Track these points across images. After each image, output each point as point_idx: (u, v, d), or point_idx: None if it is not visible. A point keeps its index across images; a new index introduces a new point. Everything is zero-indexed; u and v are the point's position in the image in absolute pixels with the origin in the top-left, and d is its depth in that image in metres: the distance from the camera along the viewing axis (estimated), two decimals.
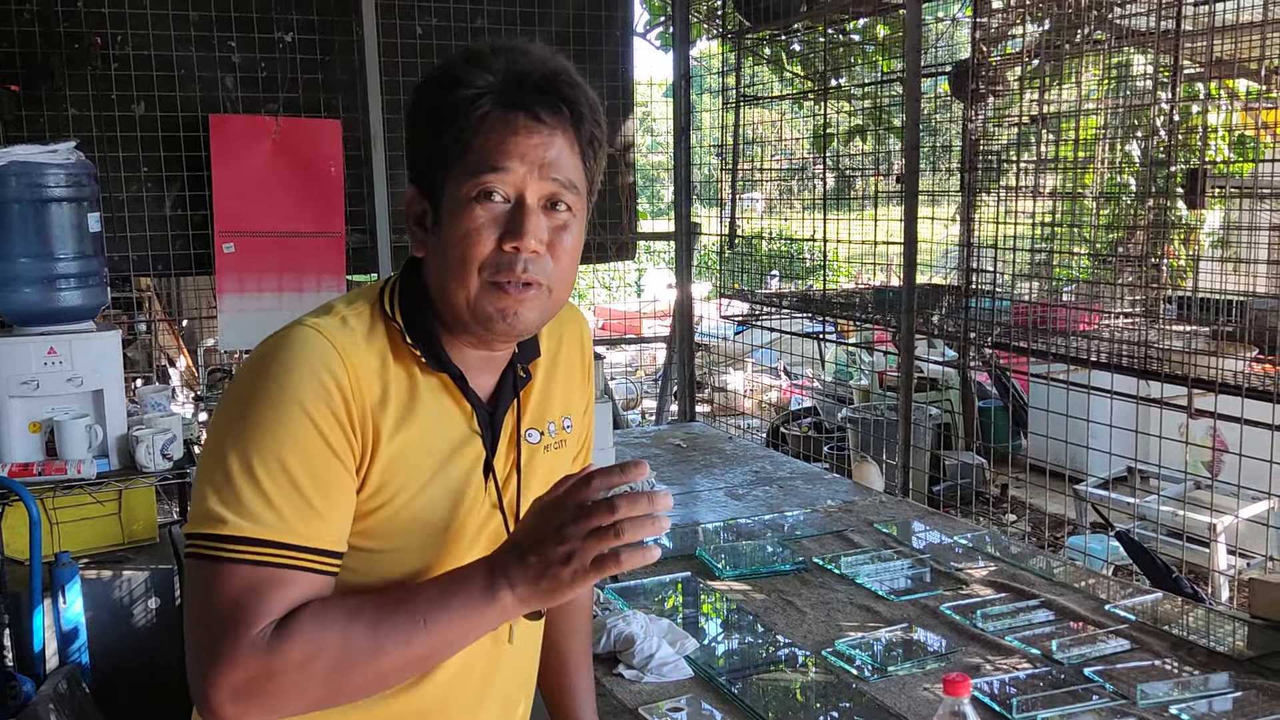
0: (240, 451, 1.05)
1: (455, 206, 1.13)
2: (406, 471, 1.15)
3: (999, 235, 3.47)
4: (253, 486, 1.04)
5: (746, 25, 4.78)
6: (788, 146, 5.30)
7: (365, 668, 1.03)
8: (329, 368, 1.09)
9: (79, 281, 3.23)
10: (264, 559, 1.03)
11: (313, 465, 1.06)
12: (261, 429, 1.05)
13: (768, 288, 5.35)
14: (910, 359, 3.63)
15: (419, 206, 1.19)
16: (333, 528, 1.08)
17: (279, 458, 1.05)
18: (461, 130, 1.13)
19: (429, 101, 1.15)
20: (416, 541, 1.17)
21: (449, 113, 1.13)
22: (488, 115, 1.12)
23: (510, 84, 1.13)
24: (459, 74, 1.13)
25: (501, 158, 1.12)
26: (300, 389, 1.07)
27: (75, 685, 2.79)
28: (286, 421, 1.06)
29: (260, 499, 1.04)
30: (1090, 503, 4.21)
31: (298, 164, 4.13)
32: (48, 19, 3.81)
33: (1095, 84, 3.73)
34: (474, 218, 1.12)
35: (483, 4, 4.48)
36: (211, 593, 1.03)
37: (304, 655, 1.01)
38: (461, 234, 1.13)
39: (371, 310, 1.18)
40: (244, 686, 1.00)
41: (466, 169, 1.13)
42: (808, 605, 2.33)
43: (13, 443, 3.08)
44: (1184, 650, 2.06)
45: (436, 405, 1.18)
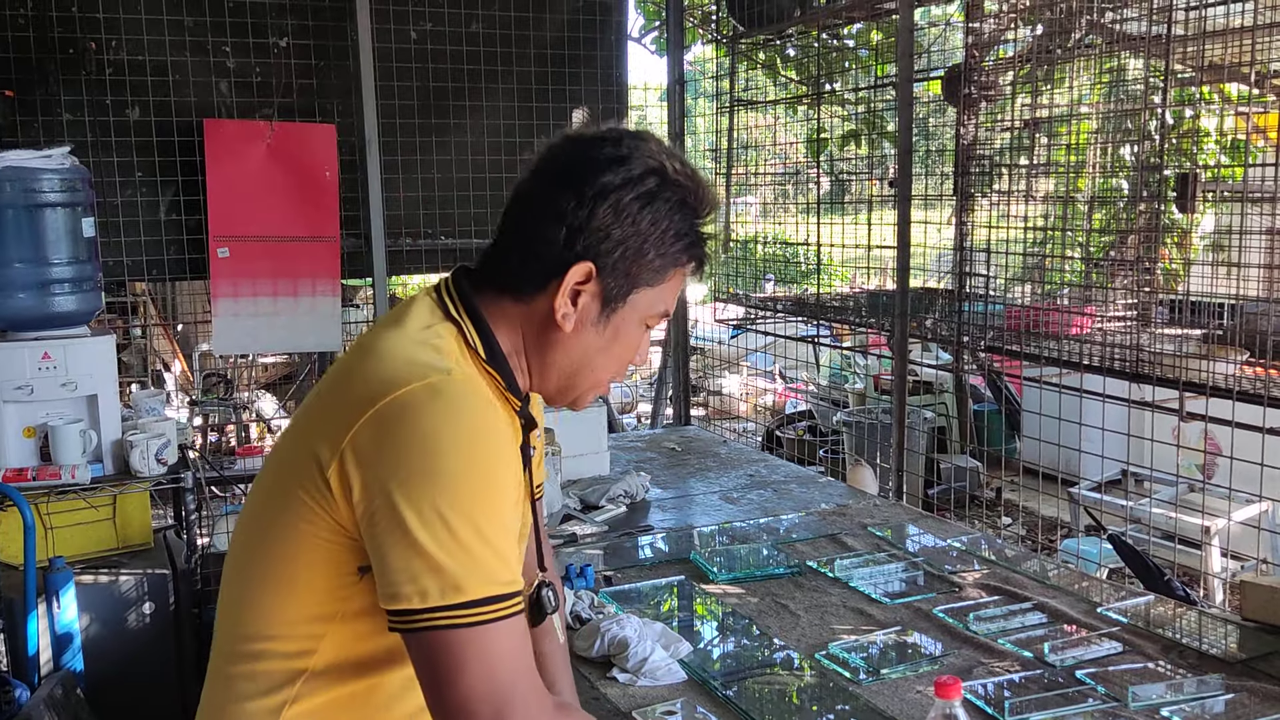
0: (468, 523, 1.07)
1: (629, 323, 1.26)
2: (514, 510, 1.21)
3: (991, 239, 3.48)
4: (491, 550, 1.09)
5: (741, 30, 4.79)
6: (782, 151, 5.31)
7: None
8: (502, 426, 1.16)
9: (73, 286, 3.23)
10: (511, 611, 1.10)
11: (516, 519, 1.16)
12: (481, 491, 1.09)
13: (763, 291, 5.36)
14: (904, 363, 3.64)
15: (587, 287, 1.22)
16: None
17: (500, 518, 1.11)
18: (673, 269, 1.25)
19: (667, 217, 1.22)
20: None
21: (678, 251, 1.24)
22: (689, 272, 1.27)
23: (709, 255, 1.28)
24: (697, 211, 1.24)
25: (672, 309, 1.30)
26: (504, 463, 1.13)
27: (70, 690, 2.79)
28: (502, 490, 1.12)
29: (496, 557, 1.09)
30: (1083, 506, 4.22)
31: (292, 169, 4.14)
32: (42, 24, 3.81)
33: (1088, 88, 3.74)
34: (641, 342, 1.29)
35: (478, 9, 4.49)
36: (483, 655, 1.07)
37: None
38: (625, 350, 1.27)
39: (460, 349, 1.22)
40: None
41: (653, 301, 1.26)
42: (801, 608, 2.33)
43: (7, 448, 3.08)
44: (1176, 653, 2.07)
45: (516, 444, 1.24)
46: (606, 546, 2.75)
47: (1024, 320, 3.40)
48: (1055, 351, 3.18)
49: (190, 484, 3.19)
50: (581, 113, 4.82)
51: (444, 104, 4.45)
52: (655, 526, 2.97)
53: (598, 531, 2.89)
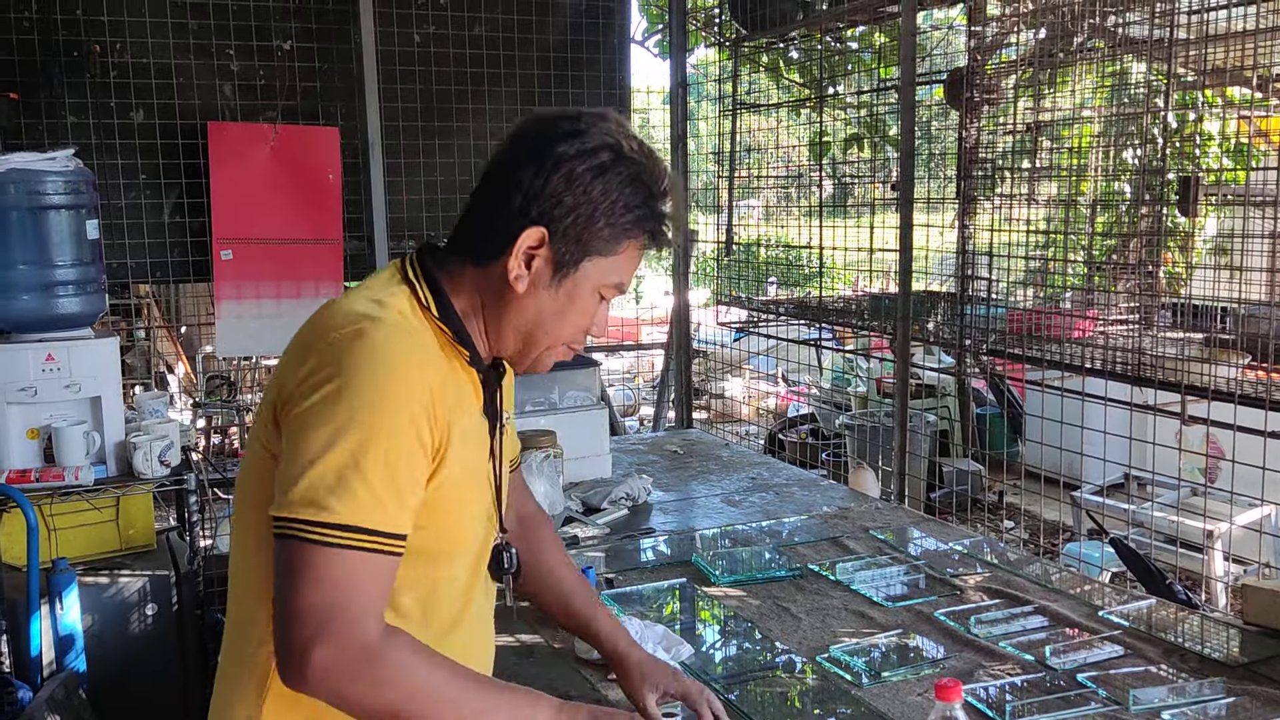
0: (349, 445, 1.15)
1: (582, 290, 1.33)
2: (462, 456, 1.29)
3: (994, 242, 3.48)
4: (363, 482, 1.14)
5: (743, 33, 4.80)
6: (785, 154, 5.31)
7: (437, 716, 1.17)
8: (424, 371, 1.22)
9: (77, 288, 3.24)
10: (367, 545, 1.15)
11: (411, 462, 1.19)
12: (369, 429, 1.16)
13: (765, 294, 5.36)
14: (906, 366, 3.64)
15: (540, 252, 1.30)
16: (411, 516, 1.21)
17: (386, 456, 1.16)
18: (621, 242, 1.32)
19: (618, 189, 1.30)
20: (456, 513, 1.32)
21: (628, 223, 1.31)
22: (645, 245, 1.35)
23: (667, 231, 1.36)
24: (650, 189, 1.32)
25: (629, 284, 1.37)
26: (407, 394, 1.19)
27: (72, 692, 2.79)
28: (394, 425, 1.17)
29: (369, 493, 1.15)
30: (1085, 510, 4.22)
31: (296, 171, 4.15)
32: (47, 27, 3.83)
33: (1091, 92, 3.75)
34: (594, 311, 1.36)
35: (480, 13, 4.50)
36: (320, 574, 1.13)
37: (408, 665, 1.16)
38: (578, 315, 1.34)
39: (411, 304, 1.30)
40: (349, 664, 1.12)
41: (606, 271, 1.33)
42: (803, 611, 2.33)
43: (10, 449, 3.08)
44: (1177, 656, 2.07)
45: (467, 393, 1.34)
46: (608, 549, 2.76)
47: (1026, 324, 3.40)
48: (1057, 355, 3.18)
49: (193, 486, 3.20)
50: None
51: (447, 107, 4.46)
52: (657, 529, 2.98)
53: (599, 534, 2.89)
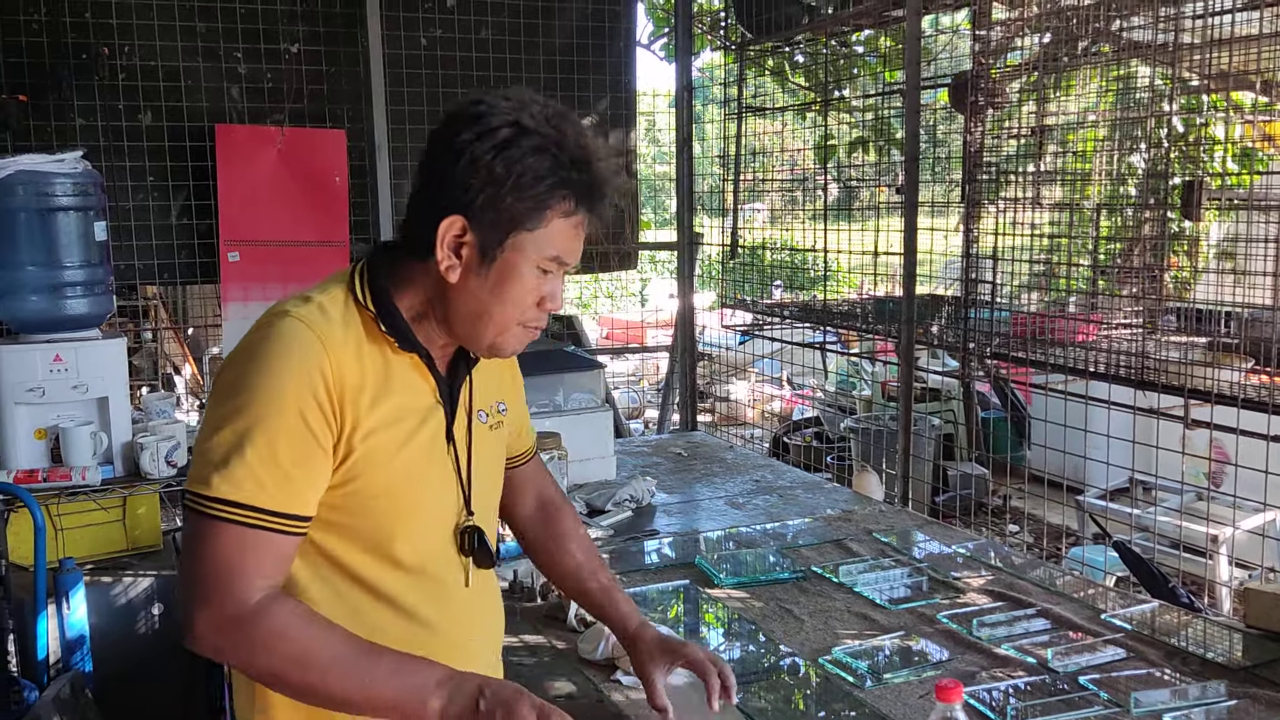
0: (234, 429, 1.25)
1: (518, 269, 1.34)
2: (386, 436, 1.35)
3: (998, 246, 3.48)
4: (240, 459, 1.24)
5: (749, 37, 4.81)
6: (791, 157, 5.32)
7: (313, 681, 1.25)
8: (315, 360, 1.28)
9: (85, 290, 3.26)
10: (246, 520, 1.24)
11: (294, 446, 1.26)
12: (254, 411, 1.25)
13: (770, 298, 5.37)
14: (910, 369, 3.64)
15: (464, 240, 1.33)
16: (305, 496, 1.29)
17: (267, 437, 1.25)
18: (544, 213, 1.32)
19: (526, 170, 1.30)
20: (398, 492, 1.38)
21: (542, 193, 1.31)
22: (571, 213, 1.34)
23: (594, 193, 1.35)
24: (556, 161, 1.31)
25: (571, 254, 1.37)
26: (291, 380, 1.26)
27: (78, 691, 2.81)
28: (276, 405, 1.25)
29: (245, 470, 1.24)
30: (1089, 514, 4.22)
31: (303, 174, 4.17)
32: (56, 29, 3.85)
33: (1096, 96, 3.75)
34: (534, 286, 1.35)
35: (486, 16, 4.52)
36: (204, 544, 1.25)
37: (282, 629, 1.24)
38: (519, 294, 1.35)
39: (345, 296, 1.37)
40: (224, 624, 1.23)
41: (539, 244, 1.33)
42: (806, 613, 2.34)
43: (18, 449, 3.10)
44: (1179, 659, 2.07)
45: (406, 379, 1.39)
46: (612, 551, 2.76)
47: (1029, 327, 3.40)
48: (1060, 358, 3.18)
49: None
50: (590, 118, 4.85)
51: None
52: (661, 531, 2.98)
53: (603, 535, 2.90)
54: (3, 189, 3.13)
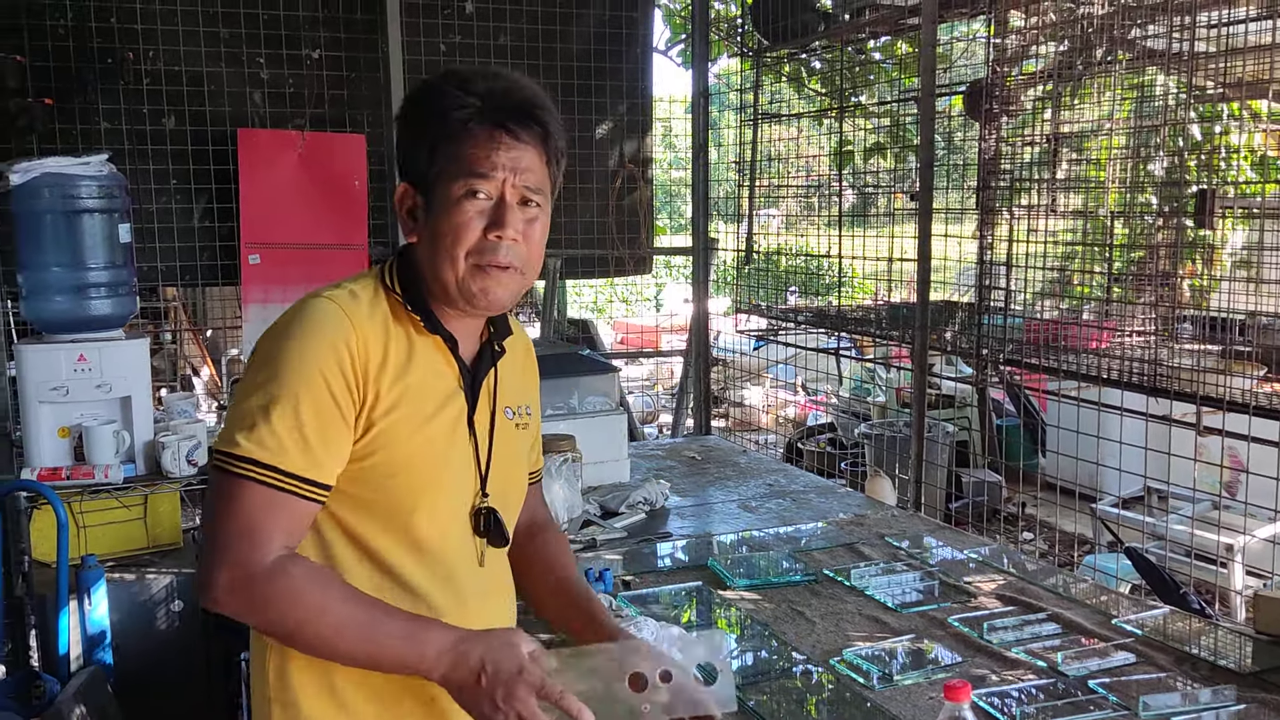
0: (261, 396, 1.32)
1: (447, 202, 1.39)
2: (406, 413, 1.40)
3: (1012, 253, 3.49)
4: (266, 422, 1.31)
5: (765, 44, 4.84)
6: (807, 163, 5.34)
7: (325, 637, 1.29)
8: (342, 334, 1.35)
9: (109, 290, 3.30)
10: (264, 479, 1.30)
11: (319, 412, 1.33)
12: (282, 380, 1.32)
13: (785, 303, 5.38)
14: (923, 375, 3.66)
15: (410, 200, 1.44)
16: (325, 464, 1.34)
17: (293, 404, 1.31)
18: (453, 143, 1.38)
19: (423, 116, 1.41)
20: (416, 470, 1.41)
21: (444, 128, 1.38)
22: (477, 132, 1.38)
23: (494, 106, 1.39)
24: (452, 96, 1.38)
25: (488, 166, 1.38)
26: (318, 351, 1.34)
27: (99, 686, 2.84)
28: (303, 375, 1.32)
29: (270, 432, 1.30)
30: (1103, 521, 4.21)
31: (323, 178, 4.21)
32: (82, 34, 3.90)
33: (1113, 104, 3.75)
34: (464, 212, 1.38)
35: (505, 22, 4.55)
36: (226, 501, 1.31)
37: (297, 588, 1.28)
38: (453, 225, 1.39)
39: (375, 284, 1.45)
40: (238, 583, 1.28)
41: (458, 172, 1.38)
42: (817, 615, 2.36)
43: (42, 447, 3.14)
44: (1188, 664, 2.08)
45: (429, 361, 1.45)
46: (625, 552, 2.79)
47: (1043, 334, 3.41)
48: (1073, 365, 3.19)
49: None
50: (607, 124, 4.88)
51: None
52: (674, 533, 3.01)
53: (617, 537, 2.92)
54: (29, 191, 3.18)
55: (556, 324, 5.73)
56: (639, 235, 4.97)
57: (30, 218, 3.23)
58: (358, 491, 1.39)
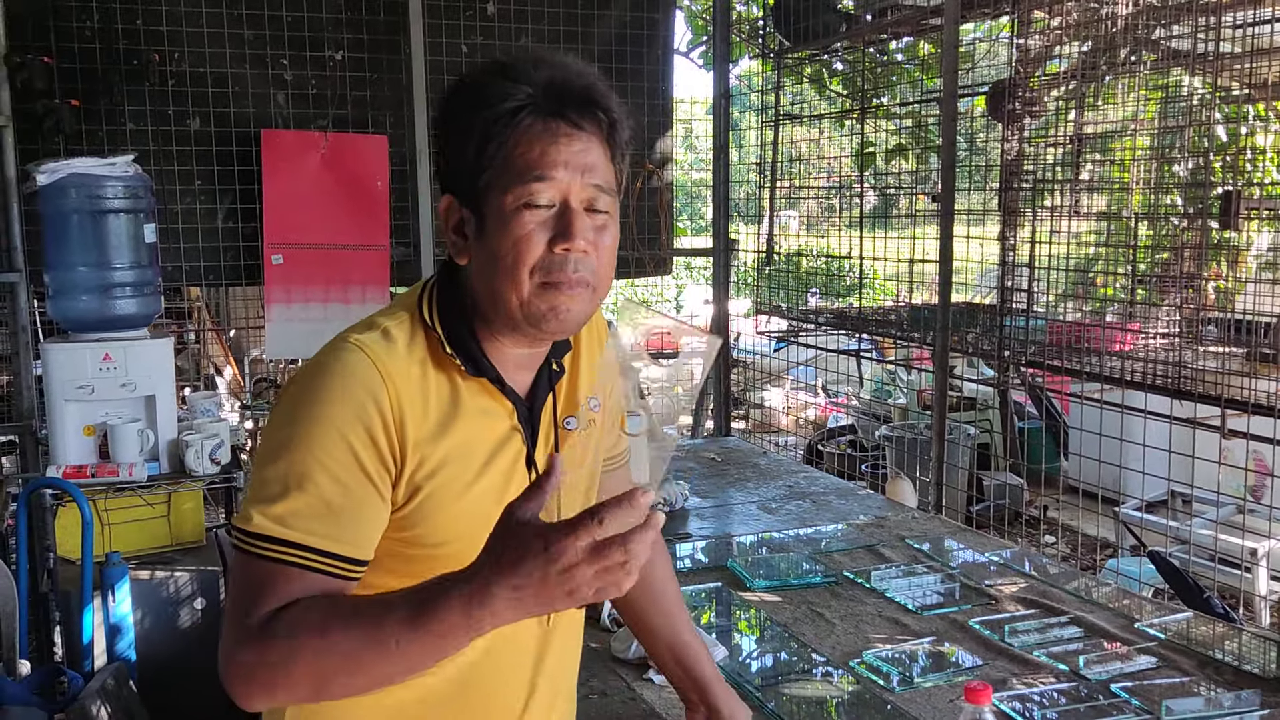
0: (280, 463, 1.14)
1: (502, 214, 1.17)
2: (453, 473, 1.21)
3: (1035, 255, 3.48)
4: (284, 494, 1.13)
5: (787, 45, 4.83)
6: (828, 164, 5.33)
7: (342, 680, 1.07)
8: (370, 389, 1.16)
9: (134, 290, 3.34)
10: (279, 556, 1.12)
11: (343, 481, 1.14)
12: (302, 445, 1.14)
13: (806, 305, 5.37)
14: (944, 376, 3.64)
15: (457, 215, 1.23)
16: (351, 537, 1.15)
17: (313, 473, 1.13)
18: (504, 142, 1.17)
19: (466, 114, 1.20)
20: (467, 537, 1.16)
21: (491, 125, 1.17)
22: (531, 126, 1.17)
23: (550, 95, 1.18)
24: (499, 87, 1.18)
25: (548, 166, 1.17)
26: (341, 412, 1.15)
27: (122, 682, 2.87)
28: (324, 442, 1.14)
29: (286, 505, 1.13)
30: (1126, 525, 4.19)
31: (345, 178, 4.23)
32: (108, 36, 3.94)
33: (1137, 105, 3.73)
34: (524, 224, 1.17)
35: (527, 24, 4.56)
36: (238, 580, 1.14)
37: (284, 655, 1.07)
38: (513, 240, 1.17)
39: (411, 320, 1.24)
40: (245, 669, 1.09)
41: (512, 178, 1.17)
42: (837, 617, 2.35)
43: (67, 445, 3.18)
44: (1212, 669, 2.07)
45: (477, 407, 1.24)
46: None
47: (1066, 336, 3.39)
48: (1096, 367, 3.17)
49: (242, 484, 3.27)
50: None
51: None
52: (694, 534, 3.00)
53: None
54: (56, 191, 3.22)
55: None
56: (659, 236, 4.97)
57: (57, 218, 3.27)
58: (400, 566, 1.21)
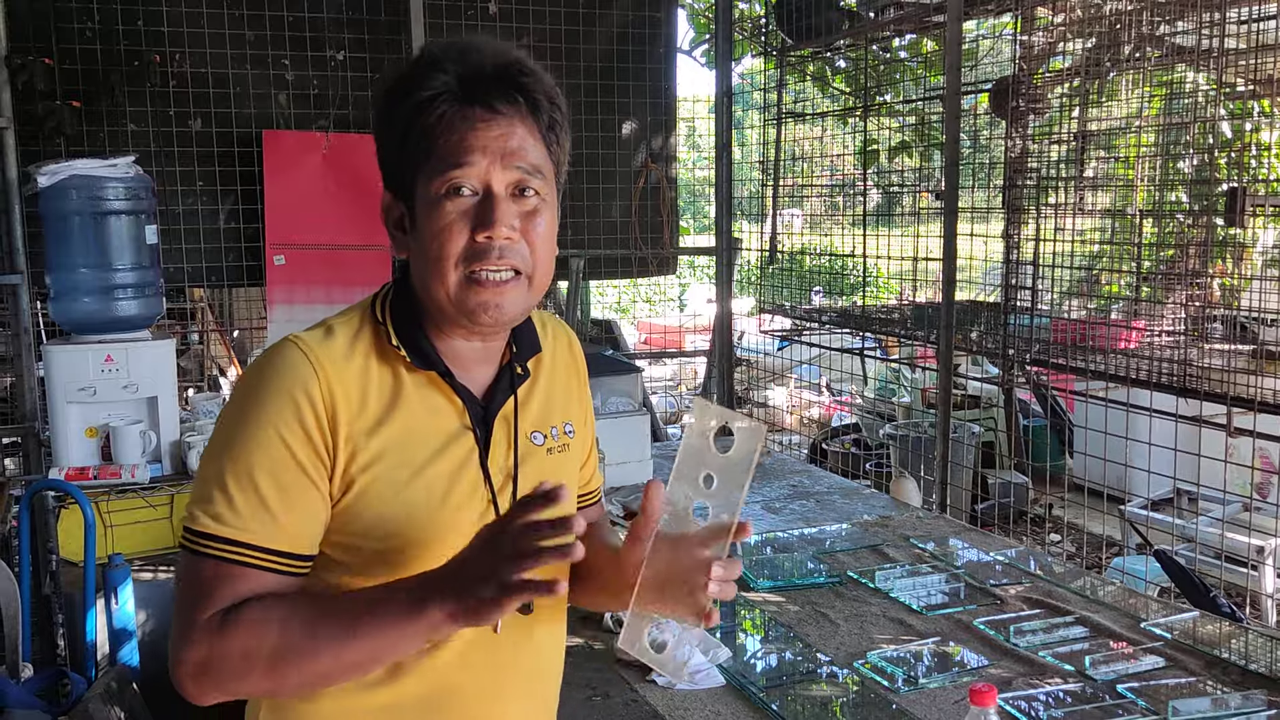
0: (219, 463, 1.15)
1: (427, 205, 1.17)
2: (390, 466, 1.19)
3: (1039, 252, 3.46)
4: (222, 493, 1.13)
5: (789, 42, 4.82)
6: (831, 162, 5.32)
7: (301, 667, 1.09)
8: (301, 381, 1.16)
9: (136, 291, 3.33)
10: (223, 554, 1.12)
11: (277, 476, 1.14)
12: (237, 443, 1.15)
13: (809, 303, 5.36)
14: (948, 375, 3.63)
15: (396, 210, 1.23)
16: (292, 533, 1.15)
17: (249, 471, 1.14)
18: (423, 132, 1.17)
19: (390, 108, 1.20)
20: (408, 535, 1.20)
21: (409, 116, 1.17)
22: (445, 114, 1.16)
23: (465, 80, 1.17)
24: (414, 78, 1.17)
25: (463, 153, 1.15)
26: (273, 407, 1.15)
27: (125, 685, 2.86)
28: (259, 440, 1.14)
29: (226, 504, 1.13)
30: (1131, 523, 4.17)
31: (347, 178, 4.22)
32: (109, 37, 3.94)
33: (1141, 101, 3.72)
34: (445, 214, 1.16)
35: (529, 23, 4.56)
36: (183, 579, 1.14)
37: (242, 647, 1.08)
38: (435, 230, 1.16)
39: (361, 317, 1.24)
40: (198, 665, 1.09)
41: (433, 168, 1.16)
42: (841, 617, 2.34)
43: (70, 447, 3.17)
44: (1219, 669, 2.06)
45: (423, 401, 1.23)
46: None
47: (1070, 334, 3.37)
48: (1100, 365, 3.15)
49: None
50: (631, 124, 4.87)
51: None
52: None
53: None
54: (57, 192, 3.22)
55: (579, 324, 5.73)
56: (663, 235, 4.96)
57: (58, 219, 3.26)
58: (350, 560, 1.20)
